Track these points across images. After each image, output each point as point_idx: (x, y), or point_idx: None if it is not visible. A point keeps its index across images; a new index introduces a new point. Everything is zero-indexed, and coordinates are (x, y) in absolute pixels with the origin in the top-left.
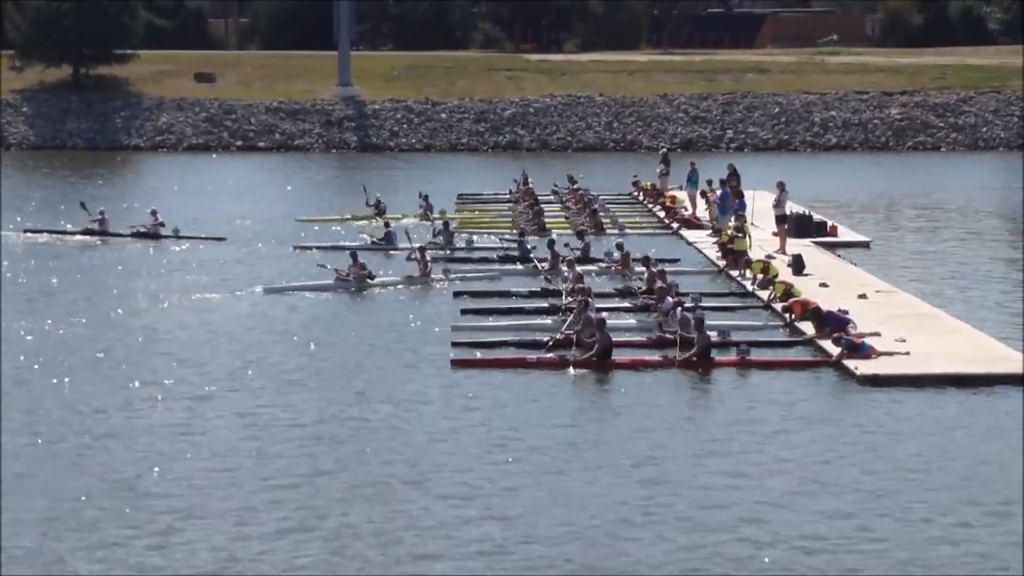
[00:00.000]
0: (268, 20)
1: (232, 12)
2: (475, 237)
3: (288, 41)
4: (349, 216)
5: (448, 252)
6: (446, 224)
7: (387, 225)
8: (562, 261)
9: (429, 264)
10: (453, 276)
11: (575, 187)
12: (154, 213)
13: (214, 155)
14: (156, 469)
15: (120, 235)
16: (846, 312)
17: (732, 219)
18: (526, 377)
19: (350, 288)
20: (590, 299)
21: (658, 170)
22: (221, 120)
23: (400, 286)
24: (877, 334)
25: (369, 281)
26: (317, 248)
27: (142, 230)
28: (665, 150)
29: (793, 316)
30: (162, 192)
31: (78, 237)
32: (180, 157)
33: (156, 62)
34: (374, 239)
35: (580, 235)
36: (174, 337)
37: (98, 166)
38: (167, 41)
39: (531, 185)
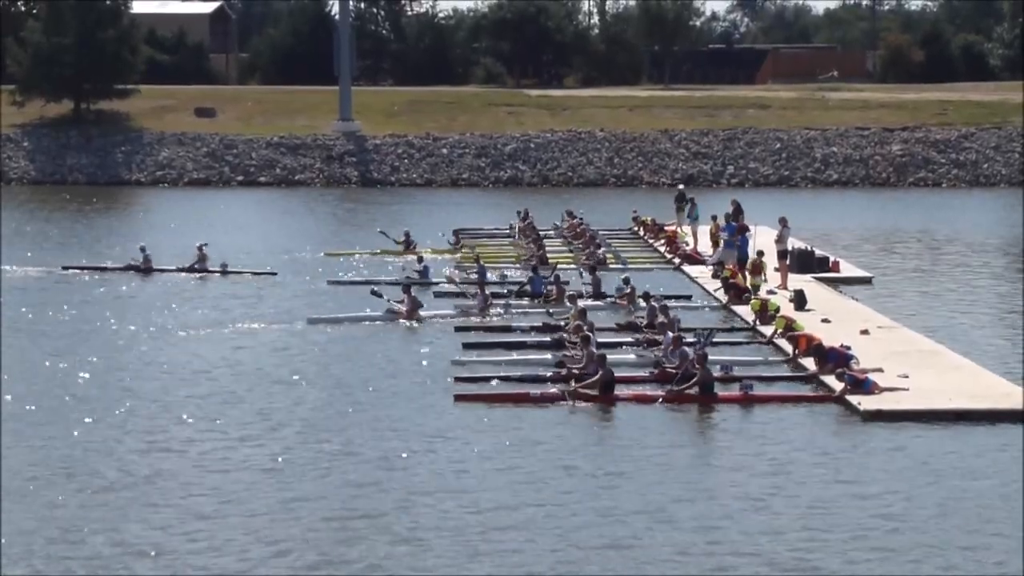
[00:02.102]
0: (268, 55)
1: (232, 47)
2: (508, 272)
3: (288, 76)
4: (379, 251)
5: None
6: (477, 258)
7: (420, 260)
8: (566, 295)
9: (489, 299)
10: (514, 311)
11: (575, 220)
12: (201, 248)
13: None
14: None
15: (166, 270)
16: (848, 348)
17: (734, 255)
18: (529, 412)
19: (400, 320)
20: (591, 334)
21: (677, 207)
22: (222, 155)
23: (454, 318)
24: (880, 370)
25: (421, 313)
26: (352, 283)
27: (187, 265)
28: (682, 187)
29: (797, 350)
30: (173, 227)
31: (121, 272)
32: (181, 192)
33: (157, 97)
34: (409, 274)
35: (592, 270)
36: (195, 370)
37: (103, 201)
38: (167, 76)
39: (531, 219)
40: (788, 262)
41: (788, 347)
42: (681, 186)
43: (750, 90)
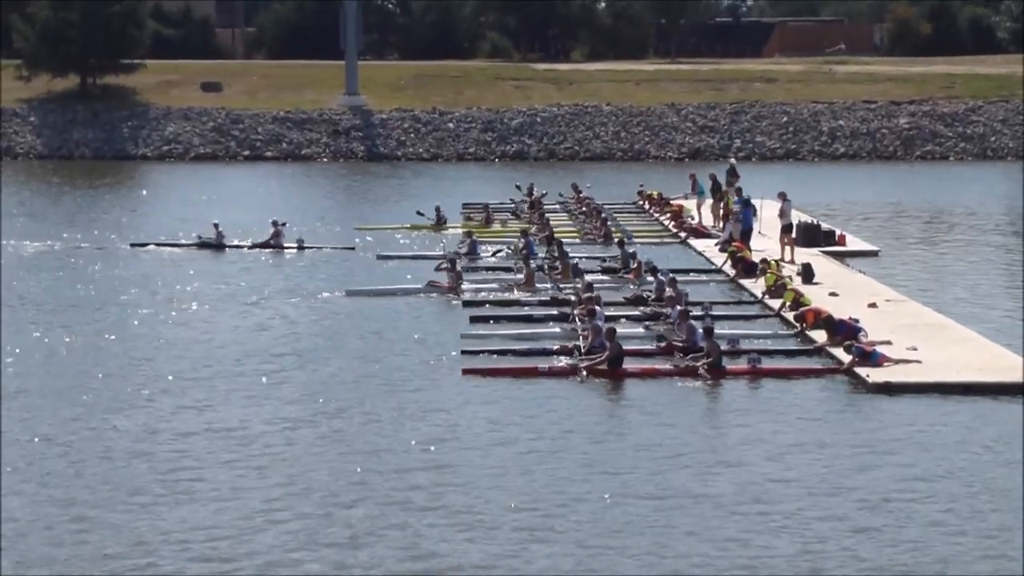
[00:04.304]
0: (274, 30)
1: (239, 22)
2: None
3: (294, 51)
4: (409, 225)
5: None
6: (524, 232)
7: (469, 235)
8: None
9: (534, 274)
10: (564, 287)
11: (581, 195)
12: (275, 223)
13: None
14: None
15: (239, 246)
16: (857, 321)
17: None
18: (537, 386)
19: (445, 294)
20: (598, 307)
21: (727, 181)
22: (228, 130)
23: (498, 294)
24: (888, 342)
25: (463, 287)
26: (401, 257)
27: (261, 241)
28: (733, 161)
29: (805, 324)
30: (191, 201)
31: (193, 249)
32: (188, 166)
33: (163, 72)
34: (457, 249)
35: (620, 244)
36: (219, 341)
37: (115, 176)
38: (174, 51)
39: (536, 195)
40: (792, 236)
41: (796, 320)
42: (733, 160)
43: (757, 64)
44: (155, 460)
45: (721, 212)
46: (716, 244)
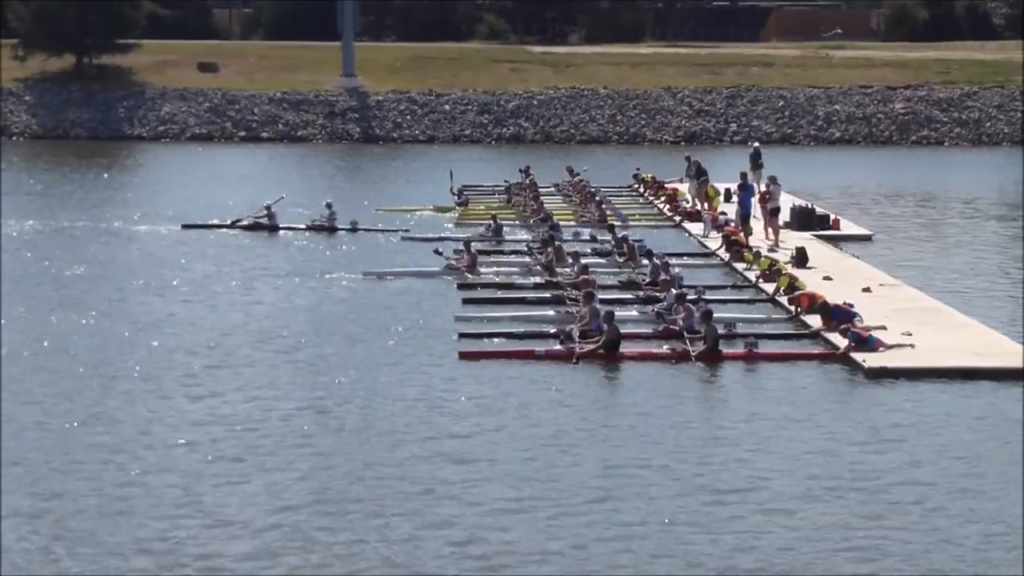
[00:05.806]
0: (271, 11)
1: (235, 2)
2: (583, 230)
3: (291, 32)
4: (431, 207)
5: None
6: (549, 216)
7: (493, 219)
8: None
9: (552, 257)
10: (558, 270)
11: (577, 178)
12: (329, 206)
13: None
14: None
15: (293, 228)
16: (851, 305)
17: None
18: (534, 369)
19: (459, 276)
20: (593, 291)
21: (751, 166)
22: (224, 110)
23: (521, 278)
24: (883, 327)
25: (481, 270)
26: (426, 239)
27: (316, 223)
28: (757, 144)
29: (800, 309)
30: (197, 182)
31: (245, 231)
32: (185, 147)
33: (159, 52)
34: (484, 231)
35: (611, 228)
36: (222, 322)
37: (117, 156)
38: (170, 31)
39: (532, 176)
40: (788, 220)
41: (791, 304)
42: (756, 143)
43: (754, 48)
44: (148, 441)
45: (705, 198)
46: (700, 236)
